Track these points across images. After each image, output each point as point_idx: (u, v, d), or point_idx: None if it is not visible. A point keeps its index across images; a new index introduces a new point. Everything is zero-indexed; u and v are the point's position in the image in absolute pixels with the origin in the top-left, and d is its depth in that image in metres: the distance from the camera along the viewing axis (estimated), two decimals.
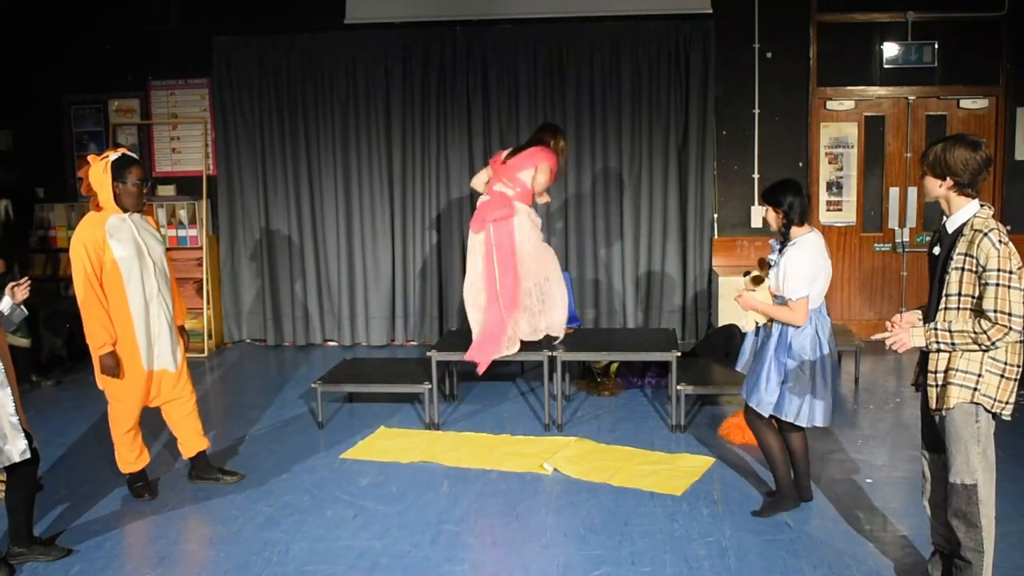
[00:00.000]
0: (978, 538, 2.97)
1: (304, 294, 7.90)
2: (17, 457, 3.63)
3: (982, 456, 2.97)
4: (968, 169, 2.93)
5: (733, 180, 7.54)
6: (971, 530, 2.98)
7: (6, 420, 3.61)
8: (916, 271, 7.55)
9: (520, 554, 3.78)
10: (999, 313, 2.82)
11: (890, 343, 2.98)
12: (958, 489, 2.98)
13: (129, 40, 7.85)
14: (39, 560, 3.75)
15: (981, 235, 2.87)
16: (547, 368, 5.39)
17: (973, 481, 2.96)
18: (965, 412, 2.95)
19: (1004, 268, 2.82)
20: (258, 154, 7.77)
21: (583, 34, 7.37)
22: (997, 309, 2.82)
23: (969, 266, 2.89)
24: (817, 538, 3.80)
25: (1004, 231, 2.91)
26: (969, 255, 2.89)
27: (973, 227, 2.92)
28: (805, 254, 3.81)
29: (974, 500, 2.96)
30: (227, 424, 5.67)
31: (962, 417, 2.96)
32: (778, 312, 3.85)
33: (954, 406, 2.95)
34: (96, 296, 4.11)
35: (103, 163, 4.15)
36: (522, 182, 5.42)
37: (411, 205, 7.71)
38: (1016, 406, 3.03)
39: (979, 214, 2.95)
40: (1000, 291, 2.82)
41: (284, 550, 3.83)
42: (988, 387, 2.93)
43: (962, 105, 7.33)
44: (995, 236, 2.85)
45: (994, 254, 2.83)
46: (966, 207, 2.97)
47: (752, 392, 3.96)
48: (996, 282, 2.82)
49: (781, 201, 3.86)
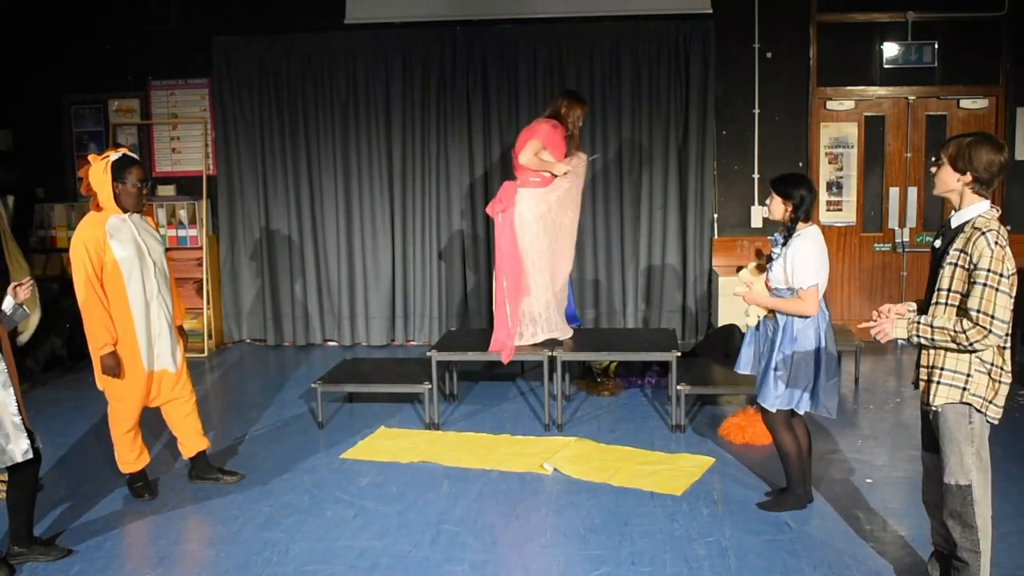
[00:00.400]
0: (974, 538, 2.97)
1: (304, 294, 7.90)
2: (20, 457, 3.63)
3: (976, 457, 2.96)
4: (991, 170, 2.93)
5: (733, 180, 7.54)
6: (967, 531, 2.98)
7: (8, 420, 3.61)
8: (916, 271, 7.55)
9: (520, 554, 3.78)
10: (981, 314, 2.80)
11: (874, 332, 3.00)
12: (952, 490, 2.98)
13: (129, 40, 7.85)
14: (39, 560, 3.75)
15: (979, 233, 2.86)
16: (547, 368, 5.39)
17: (967, 482, 2.95)
18: (958, 413, 2.95)
19: (995, 270, 2.80)
20: (258, 154, 7.77)
21: (583, 34, 7.37)
22: (980, 309, 2.81)
23: (962, 262, 2.88)
24: (817, 538, 3.80)
25: (1005, 235, 2.89)
26: (964, 252, 2.88)
27: (974, 225, 2.90)
28: (812, 244, 3.81)
29: (969, 501, 2.95)
30: (227, 424, 5.67)
31: (955, 418, 2.95)
32: (787, 304, 3.82)
33: (942, 405, 2.96)
34: (97, 296, 4.11)
35: (103, 163, 4.15)
36: (523, 168, 5.42)
37: (411, 205, 7.71)
38: (1016, 407, 3.03)
39: (984, 214, 2.93)
40: (987, 292, 2.80)
41: (284, 550, 3.83)
42: (977, 387, 2.92)
43: (962, 105, 7.33)
44: (992, 237, 2.84)
45: (987, 254, 2.82)
46: (976, 205, 2.95)
47: (762, 390, 3.94)
48: (984, 282, 2.81)
49: (793, 194, 3.85)
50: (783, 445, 4.01)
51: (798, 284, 3.77)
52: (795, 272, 3.77)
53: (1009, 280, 2.81)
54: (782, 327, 3.86)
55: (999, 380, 2.93)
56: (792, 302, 3.81)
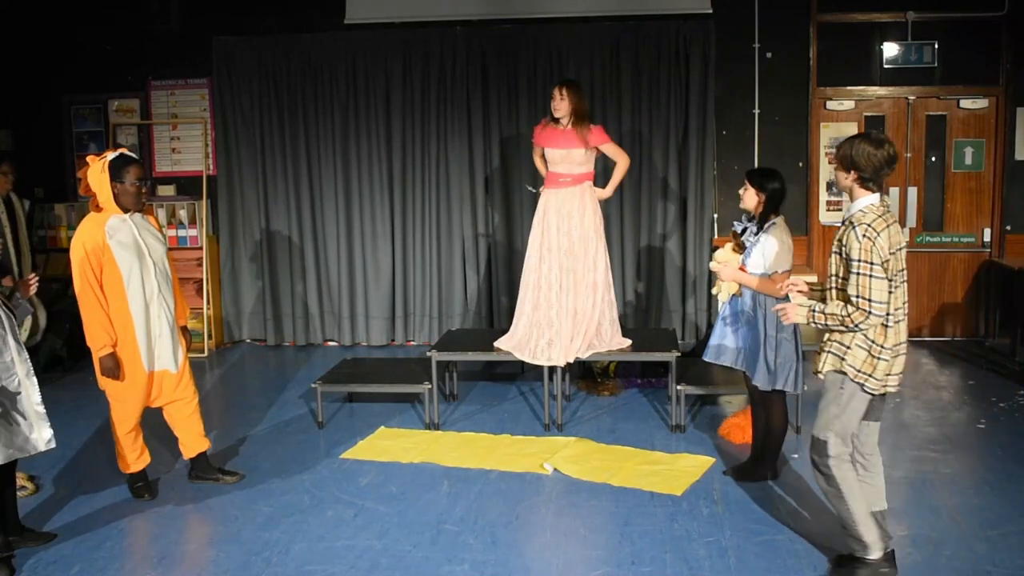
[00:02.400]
0: (834, 486, 3.40)
1: (304, 294, 7.90)
2: (43, 446, 3.74)
3: (837, 420, 3.36)
4: (872, 164, 3.23)
5: (733, 180, 7.53)
6: (827, 479, 3.42)
7: (32, 409, 3.71)
8: (916, 271, 7.55)
9: (520, 554, 3.78)
10: (860, 299, 3.19)
11: (781, 314, 3.47)
12: (815, 441, 3.43)
13: (129, 40, 7.85)
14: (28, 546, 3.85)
15: (851, 227, 3.24)
16: (547, 368, 5.38)
17: (825, 438, 3.38)
18: (833, 378, 3.38)
19: (864, 259, 3.17)
20: (258, 154, 7.77)
21: (583, 34, 7.37)
22: (859, 295, 3.20)
23: (839, 251, 3.32)
24: (817, 538, 3.80)
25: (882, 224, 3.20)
26: (840, 241, 3.31)
27: (851, 219, 3.27)
28: (786, 234, 4.22)
29: (824, 453, 3.38)
30: (227, 424, 5.67)
31: (831, 381, 3.39)
32: (761, 283, 4.17)
33: (826, 371, 3.39)
34: (96, 298, 4.10)
35: (101, 163, 4.15)
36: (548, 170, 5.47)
37: (411, 205, 7.71)
38: (1016, 407, 3.07)
39: (865, 208, 3.27)
40: (861, 279, 3.19)
41: (284, 550, 3.83)
42: (854, 360, 3.29)
43: (962, 105, 7.33)
44: (861, 230, 3.19)
45: (856, 245, 3.19)
46: (863, 199, 3.30)
47: (756, 370, 4.25)
48: (857, 271, 3.19)
49: (766, 186, 4.21)
50: (771, 420, 4.36)
51: (776, 268, 4.15)
52: (774, 257, 4.15)
53: (881, 266, 3.17)
54: (763, 314, 4.19)
55: (878, 357, 3.27)
56: (765, 282, 4.16)
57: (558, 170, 5.37)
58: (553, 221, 5.37)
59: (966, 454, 4.81)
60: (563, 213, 5.35)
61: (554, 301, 5.36)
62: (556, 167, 5.38)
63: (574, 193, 5.36)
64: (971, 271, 7.53)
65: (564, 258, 5.35)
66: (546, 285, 5.37)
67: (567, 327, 5.33)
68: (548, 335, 5.35)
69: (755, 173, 4.29)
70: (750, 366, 4.32)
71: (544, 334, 5.36)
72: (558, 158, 5.34)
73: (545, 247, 5.39)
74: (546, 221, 5.40)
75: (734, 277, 4.27)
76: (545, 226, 5.40)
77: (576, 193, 5.37)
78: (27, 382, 3.71)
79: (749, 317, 4.31)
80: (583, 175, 5.39)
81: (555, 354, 5.32)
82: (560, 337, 5.33)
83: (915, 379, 6.40)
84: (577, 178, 5.37)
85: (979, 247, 7.50)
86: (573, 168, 5.35)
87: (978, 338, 7.49)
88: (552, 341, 5.35)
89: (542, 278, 5.39)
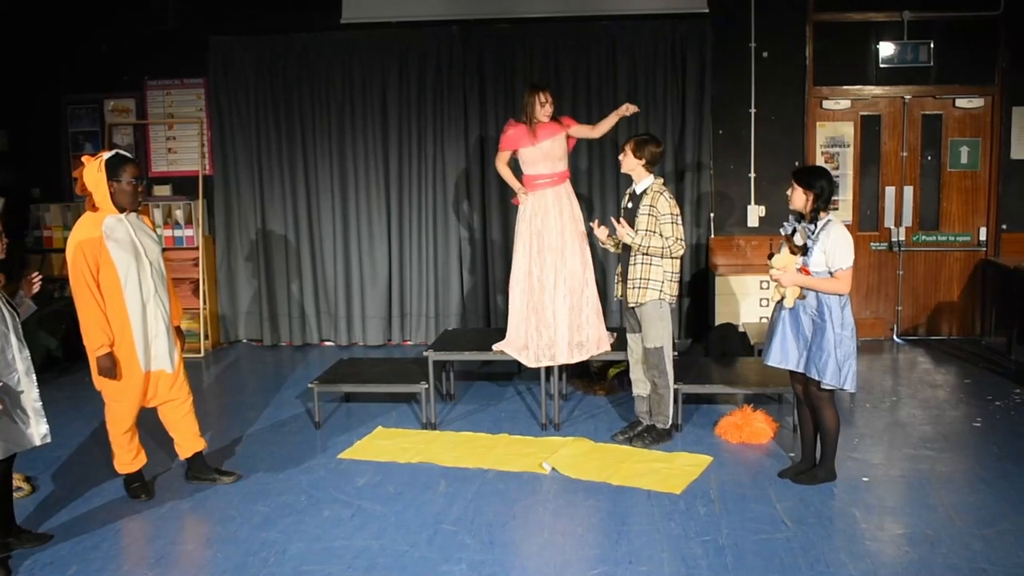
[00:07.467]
0: (666, 380, 4.91)
1: (301, 294, 7.89)
2: (38, 441, 3.81)
3: (664, 329, 4.83)
4: (655, 156, 4.86)
5: (730, 180, 7.55)
6: (662, 375, 4.89)
7: (30, 405, 3.79)
8: (912, 269, 7.57)
9: (518, 554, 3.78)
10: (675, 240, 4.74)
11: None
12: (652, 351, 4.86)
13: (126, 40, 7.84)
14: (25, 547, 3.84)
15: (659, 195, 4.77)
16: (544, 368, 5.38)
17: (659, 345, 4.83)
18: (654, 304, 4.79)
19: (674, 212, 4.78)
20: (254, 154, 7.76)
21: (580, 34, 7.37)
22: (676, 236, 4.75)
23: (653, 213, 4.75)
24: (814, 537, 3.81)
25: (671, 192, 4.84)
26: (652, 206, 4.76)
27: (653, 190, 4.79)
28: (844, 230, 4.16)
29: (662, 355, 4.87)
30: (224, 424, 5.66)
31: (653, 307, 4.80)
32: (824, 283, 4.13)
33: (647, 301, 4.76)
34: (93, 298, 4.10)
35: (97, 163, 4.14)
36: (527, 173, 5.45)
37: (407, 205, 7.71)
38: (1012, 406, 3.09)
39: (653, 186, 4.83)
40: (676, 229, 4.77)
41: (281, 550, 3.82)
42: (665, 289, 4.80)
43: (958, 104, 7.34)
44: (668, 195, 4.80)
45: (666, 207, 4.76)
46: (648, 178, 4.86)
47: (822, 369, 4.17)
48: (671, 221, 4.75)
49: (814, 184, 4.15)
50: (828, 421, 4.31)
51: (837, 266, 4.10)
52: (835, 255, 4.10)
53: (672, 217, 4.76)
54: (828, 313, 4.14)
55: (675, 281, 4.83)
56: (829, 282, 4.13)
57: (539, 171, 5.35)
58: (544, 223, 5.36)
59: (962, 452, 4.82)
60: (553, 214, 5.36)
61: (547, 302, 5.37)
62: (536, 167, 5.35)
63: (559, 192, 5.38)
64: (967, 270, 7.54)
65: (558, 259, 5.35)
66: (539, 287, 5.37)
67: (564, 327, 5.33)
68: (548, 336, 5.36)
69: (801, 172, 4.26)
70: (816, 366, 4.18)
71: (544, 335, 5.37)
72: (539, 156, 5.32)
73: (535, 250, 5.37)
74: (535, 223, 5.37)
75: (796, 281, 4.18)
76: (534, 229, 5.37)
77: (562, 192, 5.40)
78: (26, 379, 3.78)
79: (814, 317, 4.19)
80: (563, 173, 5.42)
81: (556, 354, 5.34)
82: (560, 337, 5.34)
83: (911, 377, 6.41)
84: (560, 177, 5.39)
85: (975, 246, 7.51)
86: (556, 166, 5.36)
87: (974, 337, 7.51)
88: (552, 341, 5.36)
89: (536, 280, 5.38)
